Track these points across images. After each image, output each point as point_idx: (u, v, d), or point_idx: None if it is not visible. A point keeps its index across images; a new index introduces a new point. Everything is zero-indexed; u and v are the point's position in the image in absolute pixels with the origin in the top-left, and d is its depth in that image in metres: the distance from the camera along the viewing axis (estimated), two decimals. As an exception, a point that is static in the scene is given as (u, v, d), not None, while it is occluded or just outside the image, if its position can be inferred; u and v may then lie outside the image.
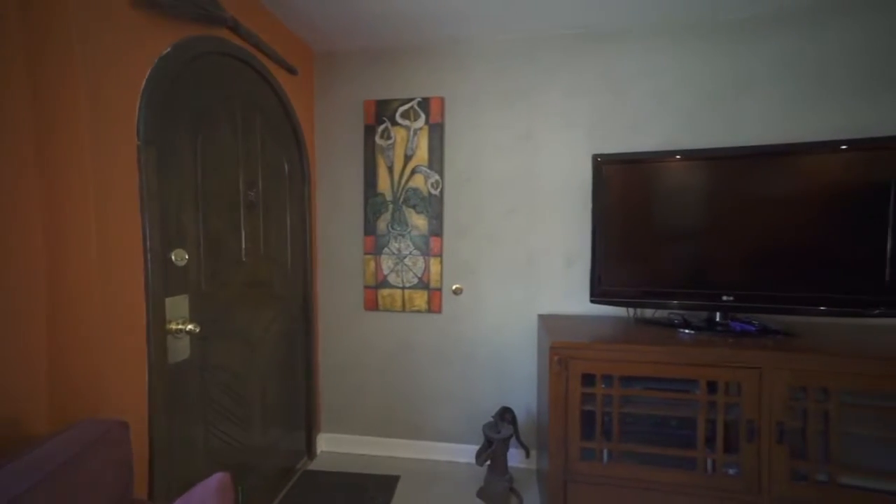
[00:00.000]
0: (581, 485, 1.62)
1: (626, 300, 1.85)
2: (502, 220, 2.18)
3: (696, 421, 1.55)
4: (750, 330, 1.67)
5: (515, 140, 2.15)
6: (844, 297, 1.62)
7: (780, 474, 1.47)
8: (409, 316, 2.30)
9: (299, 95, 2.15)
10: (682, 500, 1.55)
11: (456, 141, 2.22)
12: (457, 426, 2.25)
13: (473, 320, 2.22)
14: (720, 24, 1.92)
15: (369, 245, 2.33)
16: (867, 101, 1.81)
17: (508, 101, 2.15)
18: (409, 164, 2.28)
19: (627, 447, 1.60)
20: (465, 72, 2.19)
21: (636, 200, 1.82)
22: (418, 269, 2.29)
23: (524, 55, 2.12)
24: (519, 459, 2.12)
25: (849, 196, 1.62)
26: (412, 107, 2.25)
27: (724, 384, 1.52)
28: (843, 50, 1.83)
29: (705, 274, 1.75)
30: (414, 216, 2.29)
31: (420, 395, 2.29)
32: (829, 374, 1.44)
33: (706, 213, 1.75)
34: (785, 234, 1.68)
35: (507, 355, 2.19)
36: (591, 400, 1.63)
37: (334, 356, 2.37)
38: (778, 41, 1.88)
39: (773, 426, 1.47)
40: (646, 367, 1.58)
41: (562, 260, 2.12)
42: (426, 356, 2.28)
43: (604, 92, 2.04)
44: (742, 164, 1.71)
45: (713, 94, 1.95)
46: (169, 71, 1.33)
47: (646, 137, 2.01)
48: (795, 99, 1.87)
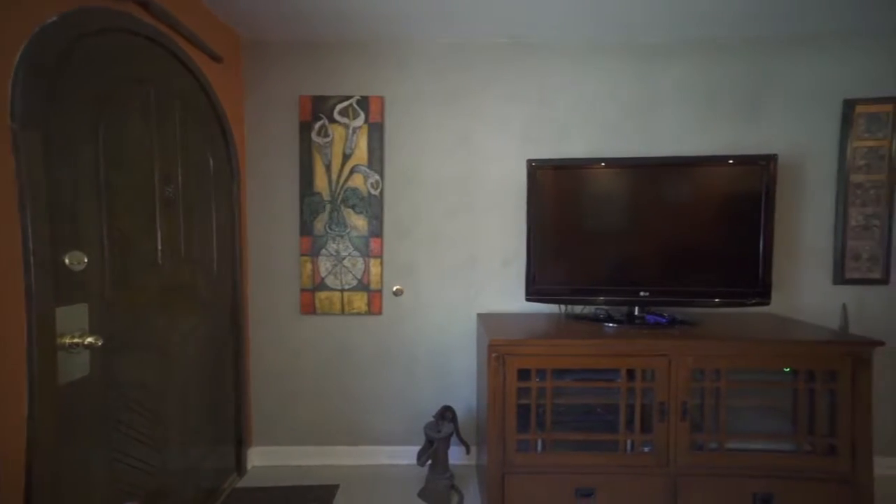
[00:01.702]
0: (518, 476, 1.66)
1: (558, 298, 1.94)
2: (443, 222, 2.17)
3: (618, 407, 1.65)
4: (662, 322, 1.82)
5: (455, 142, 2.15)
6: (732, 290, 1.84)
7: (683, 447, 1.63)
8: (348, 319, 2.20)
9: (226, 86, 1.95)
10: (606, 479, 1.64)
11: (396, 141, 2.16)
12: (398, 428, 2.19)
13: (414, 321, 2.19)
14: (635, 46, 2.08)
15: (306, 246, 2.19)
16: (746, 124, 2.08)
17: (448, 104, 2.14)
18: (347, 164, 2.18)
19: (559, 436, 1.67)
20: (406, 72, 2.14)
21: (566, 204, 1.91)
22: (358, 271, 2.20)
23: (463, 60, 2.13)
24: (460, 457, 2.12)
25: (734, 204, 1.84)
26: (351, 105, 2.15)
27: (640, 371, 1.64)
28: (727, 81, 2.07)
29: (626, 272, 1.89)
30: (353, 217, 2.19)
31: (360, 400, 2.20)
32: (721, 357, 1.62)
33: (626, 216, 1.89)
34: (688, 236, 1.87)
35: (448, 355, 2.18)
36: (527, 393, 1.67)
37: (268, 363, 2.19)
38: (680, 67, 2.08)
39: (679, 405, 1.62)
40: (575, 359, 1.66)
41: (500, 260, 2.16)
42: (366, 359, 2.20)
43: (535, 100, 2.12)
44: (654, 172, 1.87)
45: (631, 108, 2.11)
46: (55, 44, 1.11)
47: (574, 145, 2.11)
48: (695, 117, 2.09)
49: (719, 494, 1.62)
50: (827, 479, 1.61)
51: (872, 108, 2.04)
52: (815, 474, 1.61)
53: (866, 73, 2.03)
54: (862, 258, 2.07)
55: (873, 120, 2.04)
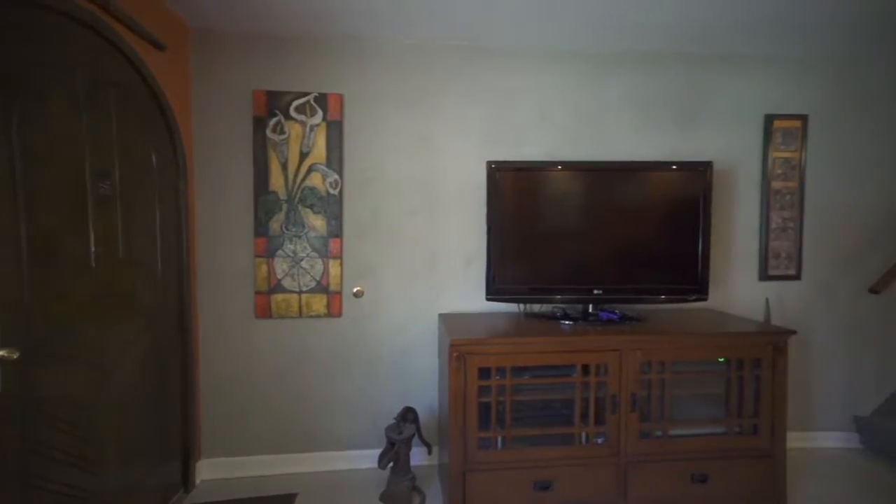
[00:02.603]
0: (479, 473, 1.66)
1: (517, 297, 1.96)
2: (404, 221, 2.13)
3: (573, 401, 1.70)
4: (614, 318, 1.90)
5: (416, 142, 2.12)
6: (675, 288, 1.95)
7: (632, 436, 1.70)
8: (306, 321, 2.10)
9: (171, 76, 1.79)
10: (563, 471, 1.69)
11: (356, 140, 2.10)
12: (359, 432, 2.12)
13: (375, 323, 2.13)
14: (587, 56, 2.16)
15: (261, 247, 2.06)
16: (686, 133, 2.22)
17: (409, 104, 2.10)
18: (305, 162, 2.09)
19: (519, 432, 1.69)
20: (366, 71, 2.08)
21: (525, 205, 1.94)
22: (316, 272, 2.11)
23: (424, 60, 2.10)
24: (422, 458, 2.09)
25: (676, 207, 1.95)
26: (308, 102, 2.06)
27: (594, 366, 1.70)
28: (668, 92, 2.20)
29: (580, 271, 1.95)
30: (311, 216, 2.10)
31: (319, 404, 2.11)
32: (666, 350, 1.72)
33: (580, 217, 1.95)
34: (637, 237, 1.96)
35: (409, 356, 2.14)
36: (487, 392, 1.68)
37: (219, 371, 2.04)
38: (627, 77, 2.18)
39: (629, 397, 1.70)
40: (534, 357, 1.68)
41: (461, 260, 2.15)
42: (326, 362, 2.11)
43: (494, 103, 2.13)
44: (606, 176, 1.95)
45: (585, 112, 2.18)
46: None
47: (531, 147, 2.15)
48: (641, 125, 2.20)
49: (663, 477, 1.72)
50: (751, 455, 1.75)
51: (786, 124, 2.25)
52: (742, 452, 1.75)
53: (781, 92, 2.24)
54: (781, 257, 2.28)
55: (787, 134, 2.25)
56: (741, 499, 1.75)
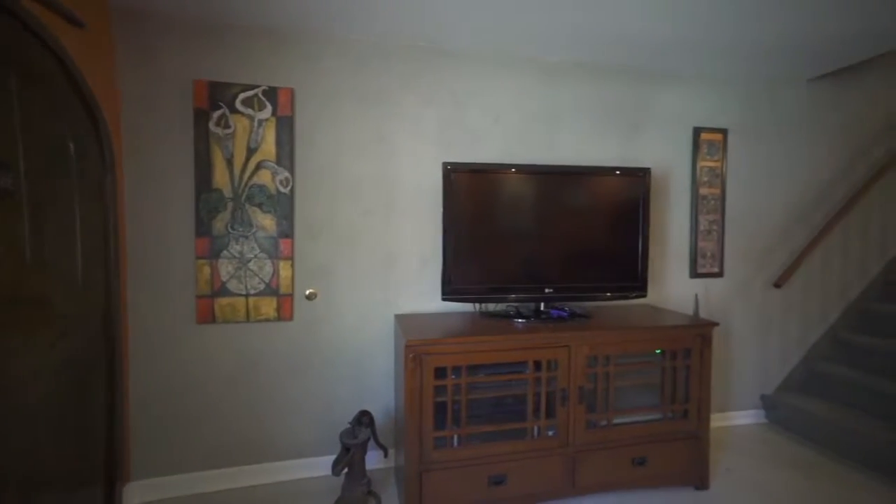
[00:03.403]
0: (435, 472, 1.63)
1: (473, 296, 1.96)
2: (359, 222, 2.05)
3: (526, 396, 1.72)
4: (564, 316, 1.95)
5: (372, 141, 2.04)
6: (619, 285, 2.04)
7: (580, 427, 1.76)
8: (254, 326, 1.95)
9: (93, 58, 1.58)
10: (516, 465, 1.71)
11: (309, 137, 1.98)
12: (313, 439, 2.01)
13: (329, 326, 2.02)
14: (540, 63, 2.20)
15: (203, 248, 1.88)
16: (628, 140, 2.34)
17: (365, 103, 2.02)
18: (253, 158, 1.94)
19: (474, 430, 1.69)
20: (319, 66, 1.97)
21: (480, 206, 1.93)
22: (265, 274, 1.96)
23: (380, 59, 2.02)
24: (377, 461, 2.02)
25: (620, 209, 2.04)
26: (257, 95, 1.91)
27: (546, 362, 1.74)
28: (614, 102, 2.31)
29: (533, 271, 1.98)
30: (260, 216, 1.95)
31: (269, 412, 1.97)
32: (611, 345, 1.79)
33: (533, 219, 1.98)
34: (584, 238, 2.03)
35: (365, 359, 2.07)
36: (443, 391, 1.66)
37: (153, 382, 1.84)
38: (577, 85, 2.25)
39: (576, 390, 1.75)
40: (488, 355, 1.68)
41: (417, 261, 2.11)
42: (276, 368, 1.97)
43: (449, 105, 2.11)
44: (557, 179, 1.99)
45: (538, 117, 2.22)
46: None
47: (486, 150, 2.15)
48: (589, 131, 2.28)
49: (607, 464, 1.79)
50: (682, 437, 1.88)
51: (710, 136, 2.44)
52: (674, 435, 1.87)
53: (707, 107, 2.43)
54: (707, 256, 2.47)
55: (711, 145, 2.45)
56: (673, 477, 1.87)
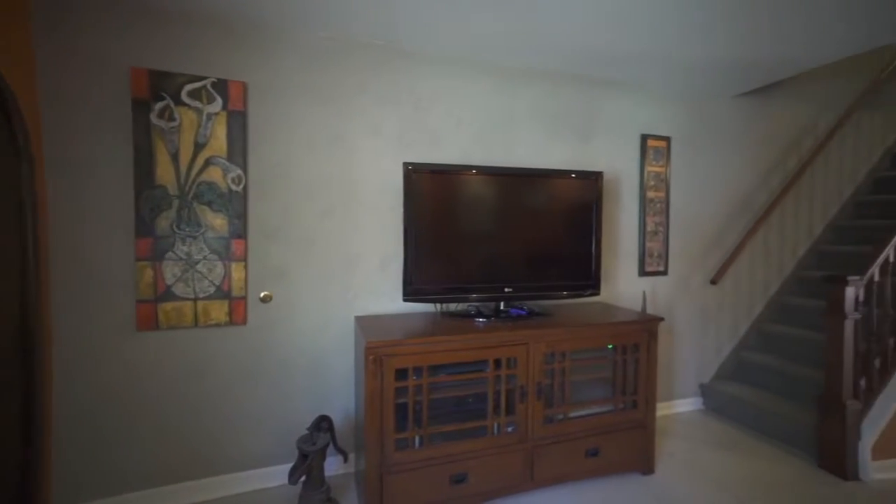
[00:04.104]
0: (397, 475, 1.60)
1: (434, 297, 1.93)
2: (318, 222, 1.96)
3: (486, 394, 1.73)
4: (523, 314, 1.98)
5: (330, 140, 1.96)
6: (575, 284, 2.10)
7: (538, 422, 1.79)
8: (203, 332, 1.81)
9: (3, 35, 1.38)
10: (477, 462, 1.71)
11: (263, 133, 1.86)
12: (268, 448, 1.90)
13: (286, 329, 1.92)
14: (499, 67, 2.22)
15: (144, 249, 1.72)
16: (582, 145, 2.41)
17: (322, 100, 1.94)
18: (201, 154, 1.80)
19: (435, 430, 1.66)
20: (273, 60, 1.86)
21: (440, 207, 1.91)
22: (216, 277, 1.83)
23: (338, 56, 1.95)
24: (337, 466, 1.95)
25: (574, 211, 2.10)
26: (205, 87, 1.78)
27: (505, 360, 1.75)
28: (568, 108, 2.37)
29: (493, 270, 1.99)
30: (209, 215, 1.82)
31: (221, 422, 1.84)
32: (566, 341, 1.84)
33: (493, 219, 1.99)
34: (542, 238, 2.06)
35: (324, 362, 1.98)
36: (404, 392, 1.62)
37: (84, 396, 1.66)
38: (534, 91, 2.30)
39: (534, 386, 1.78)
40: (449, 355, 1.67)
41: (377, 261, 2.05)
42: (228, 376, 1.85)
43: (410, 105, 2.07)
44: (515, 181, 2.01)
45: (497, 121, 2.23)
46: None
47: (446, 151, 2.14)
48: (545, 135, 2.33)
49: (563, 456, 1.84)
50: (630, 427, 1.96)
51: (656, 143, 2.58)
52: (624, 426, 1.95)
53: (652, 116, 2.56)
54: (654, 256, 2.61)
55: (657, 151, 2.59)
56: (622, 464, 1.96)
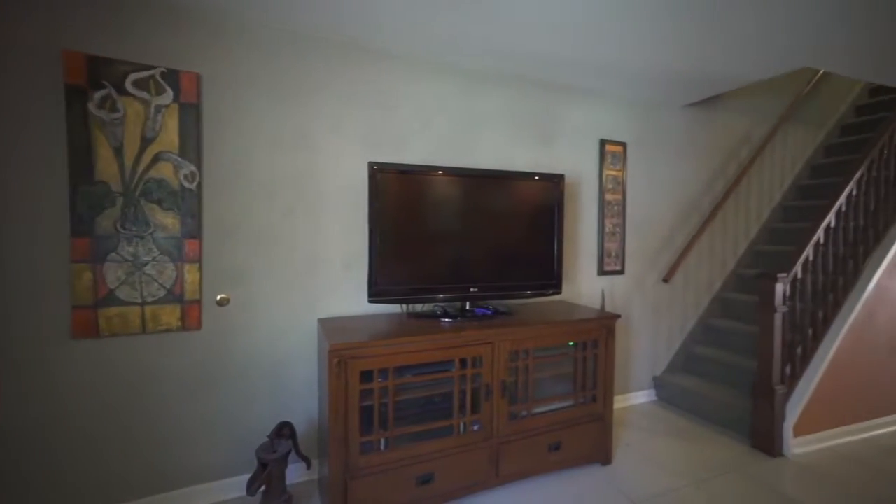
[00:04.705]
0: (362, 479, 1.56)
1: (400, 298, 1.91)
2: (279, 221, 1.89)
3: (452, 394, 1.73)
4: (488, 314, 2.00)
5: (293, 137, 1.89)
6: (538, 284, 2.15)
7: (503, 419, 1.82)
8: (153, 338, 1.69)
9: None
10: (443, 462, 1.71)
11: (220, 128, 1.77)
12: (227, 458, 1.80)
13: (244, 333, 1.83)
14: (464, 70, 2.23)
15: (82, 250, 1.59)
16: (544, 148, 2.48)
17: (283, 95, 1.87)
18: (150, 149, 1.68)
19: (401, 431, 1.65)
20: (231, 53, 1.77)
21: (406, 207, 1.90)
22: (167, 279, 1.72)
23: (302, 51, 1.89)
24: (300, 474, 1.88)
25: (538, 213, 2.15)
26: (153, 77, 1.66)
27: (471, 359, 1.76)
28: (532, 111, 2.43)
29: (459, 271, 1.99)
30: (159, 213, 1.70)
31: (173, 435, 1.72)
32: (530, 339, 1.87)
33: (458, 220, 1.99)
34: (506, 239, 2.09)
35: (285, 366, 1.91)
36: (370, 395, 1.60)
37: (13, 417, 1.49)
38: (498, 94, 2.33)
39: (499, 384, 1.80)
40: (416, 355, 1.66)
41: (341, 262, 2.00)
42: (181, 384, 1.74)
43: (376, 105, 2.04)
44: (480, 183, 2.03)
45: (463, 123, 2.24)
46: None
47: (412, 152, 2.12)
48: (509, 138, 2.37)
49: (527, 452, 1.88)
50: (590, 420, 2.04)
51: (613, 148, 2.69)
52: (584, 419, 2.02)
53: (611, 122, 2.68)
54: (612, 255, 2.72)
55: (614, 156, 2.70)
56: (582, 457, 2.02)
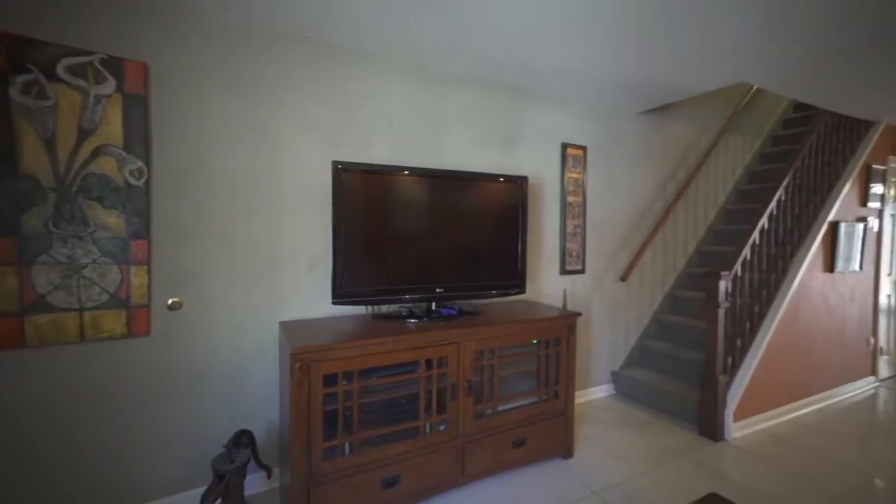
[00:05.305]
0: (325, 486, 1.52)
1: (365, 299, 1.88)
2: (239, 221, 1.80)
3: (418, 395, 1.72)
4: (454, 314, 2.00)
5: (253, 135, 1.81)
6: (503, 283, 2.19)
7: (469, 418, 1.83)
8: (93, 347, 1.56)
9: None
10: (409, 464, 1.70)
11: (172, 122, 1.66)
12: (179, 472, 1.69)
13: (199, 338, 1.73)
14: (430, 71, 2.22)
15: (4, 252, 1.43)
16: (509, 150, 2.52)
17: (242, 90, 1.78)
18: (88, 142, 1.55)
19: (366, 434, 1.62)
20: (184, 43, 1.67)
21: (371, 207, 1.86)
22: (110, 282, 1.59)
23: (263, 47, 1.81)
24: (260, 484, 1.81)
25: (502, 213, 2.18)
26: (91, 64, 1.53)
27: (437, 359, 1.76)
28: (496, 114, 2.46)
29: (425, 271, 1.98)
30: (101, 212, 1.57)
31: (122, 449, 1.60)
32: (495, 338, 1.90)
33: (424, 220, 1.98)
34: (472, 239, 2.11)
35: (245, 372, 1.82)
36: (333, 399, 1.56)
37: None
38: (464, 96, 2.34)
39: (465, 384, 1.81)
40: (381, 357, 1.63)
41: (305, 263, 1.94)
42: (128, 395, 1.61)
43: (341, 103, 1.99)
44: (446, 183, 2.03)
45: (429, 123, 2.24)
46: None
47: (378, 151, 2.09)
48: (475, 140, 2.39)
49: (492, 449, 1.90)
50: (553, 416, 2.10)
51: (574, 152, 2.79)
52: (547, 415, 2.08)
53: (572, 126, 2.77)
54: (573, 255, 2.82)
55: (575, 159, 2.80)
56: (545, 452, 2.08)
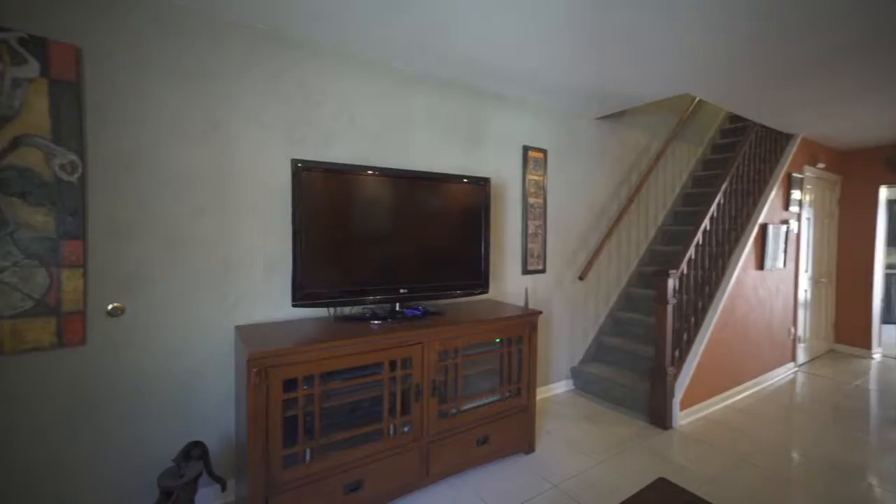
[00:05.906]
0: (284, 495, 1.47)
1: (327, 301, 1.83)
2: (189, 220, 1.69)
3: (382, 397, 1.70)
4: (418, 314, 2.00)
5: (204, 129, 1.70)
6: (466, 283, 2.21)
7: (433, 418, 1.84)
8: (16, 360, 1.41)
9: None
10: (373, 468, 1.67)
11: (109, 112, 1.53)
12: (122, 492, 1.56)
13: (143, 346, 1.61)
14: (393, 70, 2.20)
15: None
16: (472, 152, 2.55)
17: (191, 81, 1.67)
18: (6, 130, 1.39)
19: (329, 439, 1.58)
20: (123, 26, 1.54)
21: (333, 207, 1.82)
22: (36, 287, 1.44)
23: (214, 34, 1.71)
24: (214, 497, 1.71)
25: (466, 214, 2.20)
26: (7, 42, 1.37)
27: (401, 361, 1.75)
28: (460, 116, 2.48)
29: (388, 272, 1.96)
30: (22, 209, 1.42)
31: (57, 471, 1.45)
32: (459, 338, 1.92)
33: (388, 221, 1.96)
34: (436, 240, 2.11)
35: (196, 380, 1.71)
36: (294, 404, 1.51)
37: None
38: (428, 96, 2.34)
39: (430, 384, 1.82)
40: (343, 360, 1.60)
41: (263, 265, 1.86)
42: (60, 412, 1.46)
43: (300, 100, 1.93)
44: (410, 183, 2.02)
45: (392, 123, 2.21)
46: None
47: (339, 150, 2.04)
48: (439, 140, 2.40)
49: (456, 448, 1.92)
50: (515, 412, 2.15)
51: (535, 154, 2.88)
52: (510, 412, 2.13)
53: (532, 129, 2.85)
54: (534, 255, 2.91)
55: (536, 162, 2.89)
56: (508, 448, 2.13)
